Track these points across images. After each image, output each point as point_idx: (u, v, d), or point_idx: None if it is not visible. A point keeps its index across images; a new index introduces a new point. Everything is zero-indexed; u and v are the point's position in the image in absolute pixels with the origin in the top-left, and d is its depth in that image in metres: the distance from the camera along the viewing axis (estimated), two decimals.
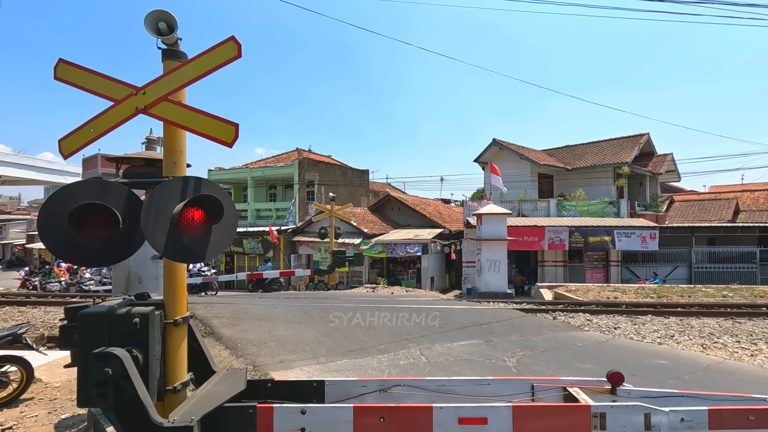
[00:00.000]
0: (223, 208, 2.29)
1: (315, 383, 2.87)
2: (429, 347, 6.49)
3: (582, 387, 2.89)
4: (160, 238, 2.19)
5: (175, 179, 2.36)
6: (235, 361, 5.69)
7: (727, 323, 8.58)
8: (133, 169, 4.64)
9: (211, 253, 2.35)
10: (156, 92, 2.40)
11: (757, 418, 2.45)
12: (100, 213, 2.31)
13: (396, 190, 33.36)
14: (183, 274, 2.57)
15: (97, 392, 2.07)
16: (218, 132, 2.36)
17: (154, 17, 2.41)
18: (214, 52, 2.39)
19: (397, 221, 24.80)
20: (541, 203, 20.60)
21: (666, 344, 7.27)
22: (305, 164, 24.92)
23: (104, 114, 2.44)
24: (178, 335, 2.52)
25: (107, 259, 2.51)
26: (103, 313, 2.34)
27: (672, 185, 30.11)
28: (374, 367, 5.57)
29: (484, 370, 5.48)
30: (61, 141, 2.46)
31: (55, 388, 4.88)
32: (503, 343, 6.85)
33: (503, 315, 9.21)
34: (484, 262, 15.07)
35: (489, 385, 2.95)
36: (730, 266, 18.34)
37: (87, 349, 2.18)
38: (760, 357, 6.58)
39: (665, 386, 4.30)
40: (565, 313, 9.41)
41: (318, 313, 8.59)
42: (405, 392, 2.88)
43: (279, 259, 23.27)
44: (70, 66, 2.47)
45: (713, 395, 2.80)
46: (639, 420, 2.42)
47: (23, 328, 4.89)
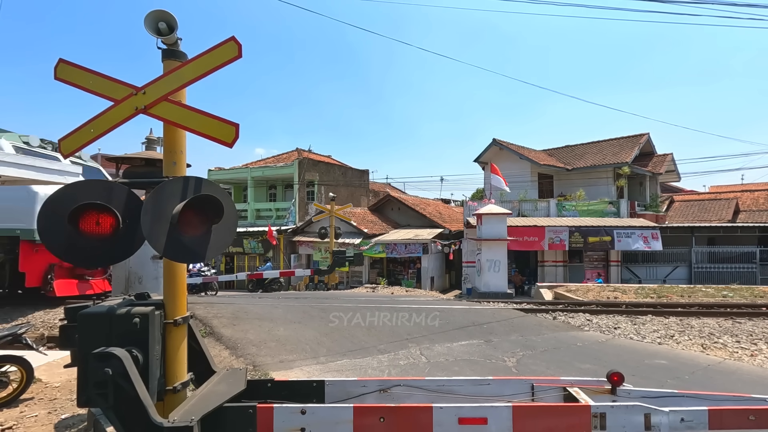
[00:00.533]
0: (223, 208, 2.29)
1: (315, 383, 2.87)
2: (429, 347, 6.49)
3: (582, 387, 2.90)
4: (160, 238, 2.19)
5: (175, 179, 2.36)
6: (235, 361, 5.69)
7: (727, 323, 8.58)
8: (133, 169, 4.65)
9: (211, 253, 2.35)
10: (156, 92, 2.40)
11: (757, 418, 2.45)
12: (100, 213, 2.31)
13: (396, 190, 33.38)
14: (183, 274, 2.57)
15: (97, 392, 2.07)
16: (218, 132, 2.36)
17: (154, 17, 2.41)
18: (214, 52, 2.40)
19: (397, 221, 24.81)
20: (541, 203, 20.60)
21: (666, 344, 7.27)
22: (305, 164, 24.93)
23: (104, 114, 2.44)
24: (178, 335, 2.52)
25: (107, 259, 2.51)
26: (103, 313, 2.34)
27: (672, 185, 30.12)
28: (374, 367, 5.57)
29: (484, 370, 5.48)
30: (61, 141, 2.46)
31: (55, 388, 4.88)
32: (503, 343, 6.84)
33: (503, 315, 9.21)
34: (484, 262, 15.07)
35: (489, 385, 2.95)
36: (730, 266, 18.35)
37: (87, 349, 2.18)
38: (760, 357, 6.58)
39: (665, 386, 4.30)
40: (565, 313, 9.41)
41: (318, 313, 8.58)
42: (405, 392, 2.88)
43: (279, 259, 23.28)
44: (71, 66, 2.47)
45: (713, 395, 2.80)
46: (639, 420, 2.42)
47: (23, 328, 4.89)
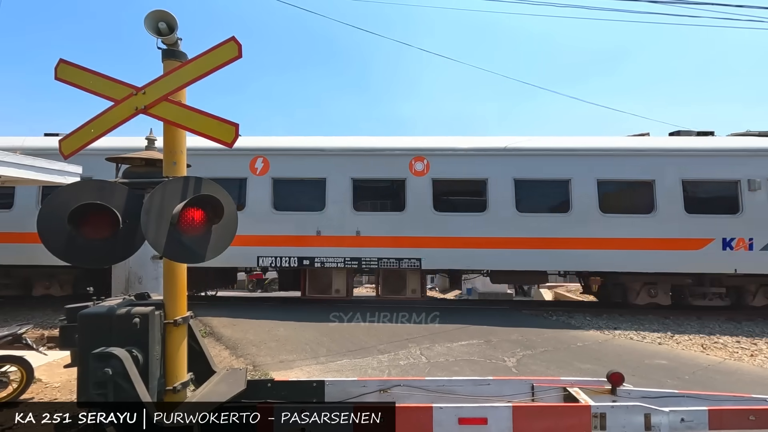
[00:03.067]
0: (223, 208, 2.29)
1: (315, 383, 2.87)
2: (429, 347, 6.49)
3: (582, 387, 2.90)
4: (160, 238, 2.18)
5: (175, 179, 2.36)
6: (235, 361, 5.69)
7: (727, 323, 8.59)
8: (133, 169, 4.64)
9: (211, 253, 2.34)
10: (156, 92, 2.40)
11: (757, 418, 2.45)
12: (100, 213, 2.31)
13: None
14: (183, 274, 2.57)
15: (97, 392, 2.07)
16: (218, 132, 2.36)
17: (154, 17, 2.40)
18: (214, 52, 2.39)
19: None
20: None
21: (666, 344, 7.27)
22: None
23: (104, 114, 2.43)
24: (178, 335, 2.52)
25: (107, 259, 2.50)
26: (103, 313, 2.34)
27: None
28: (374, 367, 5.57)
29: (484, 370, 5.48)
30: (61, 141, 2.46)
31: (55, 388, 4.88)
32: (503, 343, 6.84)
33: (503, 315, 9.21)
34: None
35: (489, 385, 2.95)
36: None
37: (87, 349, 2.18)
38: (760, 357, 6.59)
39: (665, 386, 4.30)
40: (565, 313, 9.41)
41: (318, 313, 8.59)
42: (405, 392, 2.89)
43: None
44: (71, 66, 2.46)
45: (713, 395, 2.81)
46: (639, 420, 2.42)
47: (23, 328, 4.89)
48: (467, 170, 9.39)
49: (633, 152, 9.40)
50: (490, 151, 9.43)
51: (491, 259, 9.22)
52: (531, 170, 9.26)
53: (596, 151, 9.39)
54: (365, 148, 9.63)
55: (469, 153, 9.43)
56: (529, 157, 9.33)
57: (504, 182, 9.19)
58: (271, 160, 9.49)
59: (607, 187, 9.20)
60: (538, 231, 9.07)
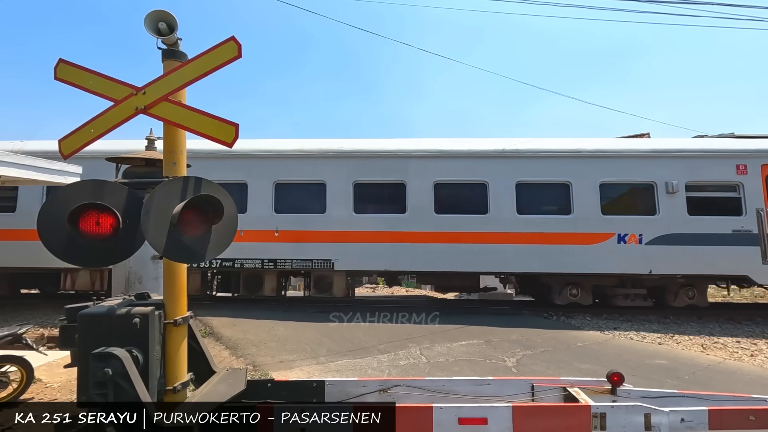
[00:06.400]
0: (223, 208, 2.29)
1: (315, 383, 2.87)
2: (429, 347, 6.49)
3: (582, 387, 2.90)
4: (160, 238, 2.19)
5: (175, 179, 2.36)
6: (235, 361, 5.70)
7: (728, 323, 8.59)
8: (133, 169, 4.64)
9: (211, 253, 2.34)
10: (156, 92, 2.40)
11: (757, 418, 2.45)
12: (100, 213, 2.31)
13: None
14: (183, 274, 2.57)
15: (97, 392, 2.07)
16: (218, 132, 2.36)
17: (154, 17, 2.41)
18: (214, 52, 2.39)
19: None
20: None
21: (666, 344, 7.27)
22: None
23: (104, 114, 2.43)
24: (178, 335, 2.52)
25: (107, 259, 2.50)
26: (103, 313, 2.34)
27: None
28: (374, 367, 5.57)
29: (484, 370, 5.48)
30: (61, 141, 2.46)
31: (55, 388, 4.88)
32: (503, 343, 6.84)
33: (503, 315, 9.21)
34: None
35: (489, 385, 2.95)
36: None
37: (87, 349, 2.18)
38: (760, 357, 6.59)
39: (665, 386, 4.30)
40: (565, 314, 9.41)
41: (318, 313, 8.59)
42: (405, 392, 2.89)
43: None
44: (71, 66, 2.47)
45: (713, 395, 2.81)
46: (639, 420, 2.42)
47: (23, 328, 4.89)
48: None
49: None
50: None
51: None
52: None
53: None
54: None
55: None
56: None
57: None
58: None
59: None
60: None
